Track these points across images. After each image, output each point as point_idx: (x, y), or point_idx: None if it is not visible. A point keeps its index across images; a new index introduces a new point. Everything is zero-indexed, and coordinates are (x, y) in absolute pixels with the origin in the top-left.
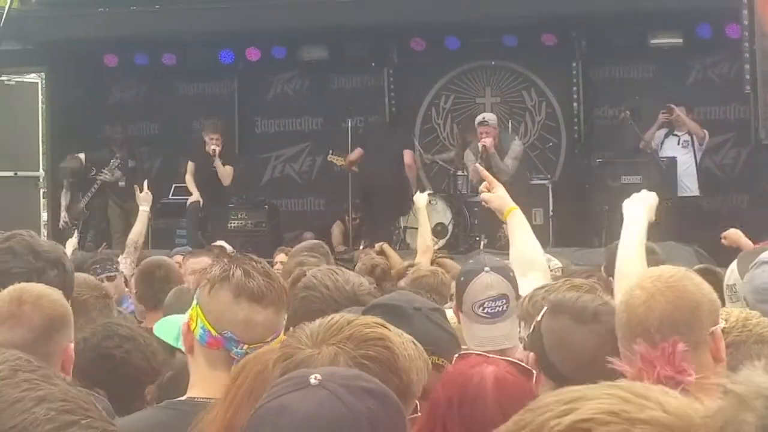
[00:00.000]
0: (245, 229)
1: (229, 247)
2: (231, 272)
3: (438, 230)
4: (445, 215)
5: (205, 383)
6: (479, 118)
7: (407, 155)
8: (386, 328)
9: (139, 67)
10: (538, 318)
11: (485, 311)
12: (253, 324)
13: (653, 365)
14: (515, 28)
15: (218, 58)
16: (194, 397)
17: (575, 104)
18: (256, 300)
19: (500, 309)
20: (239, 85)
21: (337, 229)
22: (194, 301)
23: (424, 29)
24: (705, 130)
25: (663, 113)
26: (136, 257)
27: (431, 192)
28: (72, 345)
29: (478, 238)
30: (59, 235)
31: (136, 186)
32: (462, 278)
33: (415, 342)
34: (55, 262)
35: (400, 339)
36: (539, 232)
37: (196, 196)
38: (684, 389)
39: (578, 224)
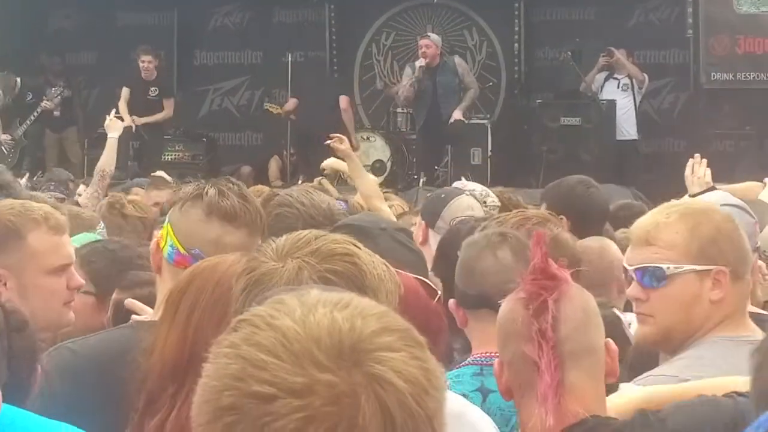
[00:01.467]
0: (182, 161)
1: (168, 178)
2: (205, 191)
3: (376, 167)
4: (383, 152)
5: None
6: (424, 34)
7: (343, 100)
8: (356, 246)
9: None
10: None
11: None
12: (223, 244)
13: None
14: None
15: None
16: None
17: (516, 45)
18: (229, 220)
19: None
20: (179, 16)
21: (274, 164)
22: (166, 220)
23: None
24: (645, 74)
25: (603, 56)
26: (104, 186)
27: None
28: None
29: (416, 176)
30: None
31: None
32: (443, 195)
33: (387, 265)
34: None
35: (370, 258)
36: (477, 171)
37: (128, 121)
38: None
39: (516, 165)
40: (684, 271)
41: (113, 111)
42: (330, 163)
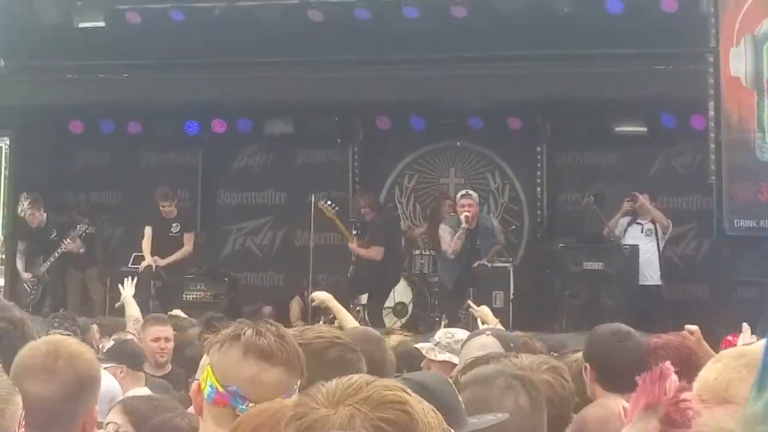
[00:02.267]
0: (203, 300)
1: (185, 316)
2: (242, 331)
3: (398, 309)
4: (405, 294)
5: None
6: (462, 191)
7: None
8: (406, 392)
9: (104, 135)
10: None
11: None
12: (260, 382)
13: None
14: (481, 111)
15: (184, 129)
16: None
17: (539, 188)
18: (265, 358)
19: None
20: (204, 156)
21: (296, 305)
22: (206, 362)
23: (390, 108)
24: (669, 220)
25: (627, 201)
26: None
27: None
28: (97, 407)
29: (438, 318)
30: (18, 302)
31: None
32: (466, 338)
33: (435, 411)
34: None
35: (421, 405)
36: (499, 314)
37: (148, 260)
38: None
39: (539, 308)
40: None
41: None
42: (318, 294)
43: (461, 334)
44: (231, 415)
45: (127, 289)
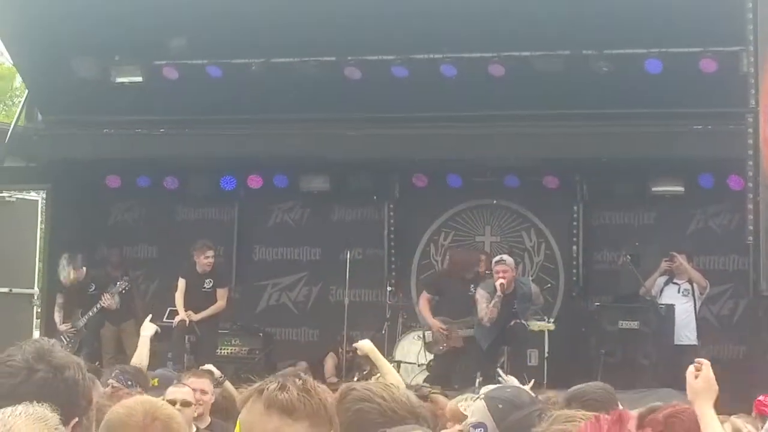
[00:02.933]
0: (238, 356)
1: (217, 372)
2: (267, 386)
3: (432, 366)
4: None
5: None
6: (497, 257)
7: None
8: None
9: (140, 190)
10: None
11: None
12: None
13: None
14: (517, 169)
15: (220, 184)
16: None
17: (575, 247)
18: (288, 412)
19: None
20: (239, 211)
21: (330, 361)
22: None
23: (426, 165)
24: (707, 280)
25: (666, 261)
26: None
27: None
28: None
29: (474, 376)
30: None
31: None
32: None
33: None
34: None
35: None
36: (534, 372)
37: (182, 315)
38: None
39: (574, 367)
40: None
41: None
42: (362, 344)
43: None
44: None
45: (147, 329)
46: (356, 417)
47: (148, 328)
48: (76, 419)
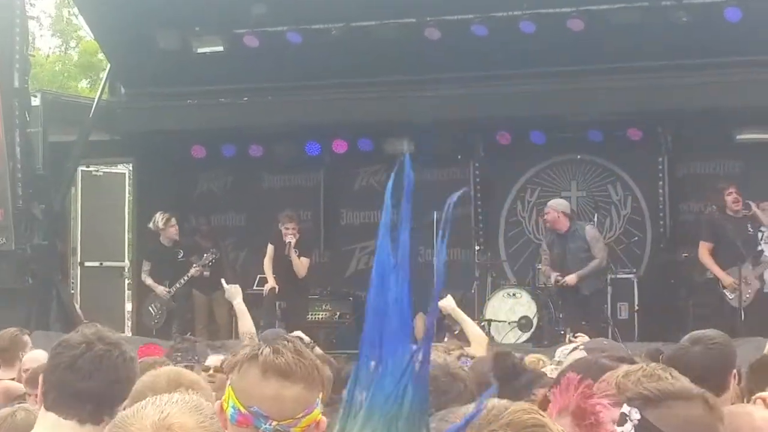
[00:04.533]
0: (329, 321)
1: (306, 338)
2: (260, 350)
3: (523, 323)
4: (530, 308)
5: None
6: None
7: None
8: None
9: (226, 159)
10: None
11: None
12: (281, 399)
13: None
14: (601, 123)
15: (304, 150)
16: None
17: (661, 199)
18: (285, 376)
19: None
20: (325, 177)
21: (419, 322)
22: (228, 382)
23: (509, 123)
24: None
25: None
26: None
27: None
28: None
29: (563, 332)
30: (143, 326)
31: (222, 280)
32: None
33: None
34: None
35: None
36: (624, 326)
37: (271, 283)
38: None
39: (664, 319)
40: None
41: (222, 281)
42: (443, 304)
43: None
44: None
45: (236, 295)
46: None
47: (236, 294)
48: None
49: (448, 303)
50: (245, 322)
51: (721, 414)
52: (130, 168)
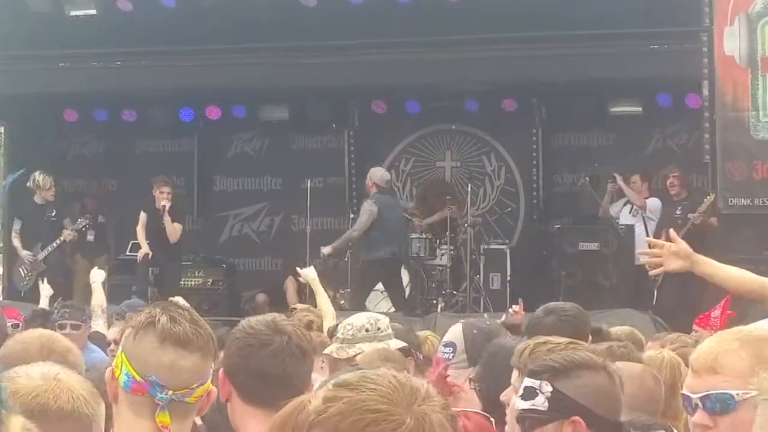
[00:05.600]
0: (202, 287)
1: (185, 304)
2: (156, 318)
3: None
4: (403, 277)
5: (127, 431)
6: None
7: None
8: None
9: (98, 123)
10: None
11: (442, 353)
12: (178, 369)
13: None
14: (476, 93)
15: (178, 116)
16: None
17: (534, 170)
18: (182, 345)
19: (446, 356)
20: (199, 143)
21: (290, 286)
22: (119, 349)
23: (385, 92)
24: (646, 200)
25: (610, 182)
26: (105, 318)
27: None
28: None
29: (435, 301)
30: (14, 289)
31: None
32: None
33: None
34: None
35: None
36: (496, 296)
37: (145, 249)
38: None
39: (536, 289)
40: (752, 397)
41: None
42: (305, 271)
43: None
44: (149, 404)
45: (97, 275)
46: None
47: (97, 275)
48: None
49: (309, 272)
50: (100, 297)
51: (621, 381)
52: (2, 131)
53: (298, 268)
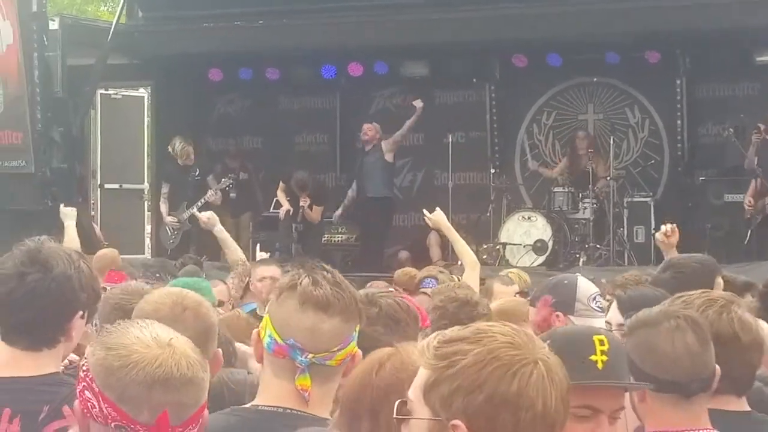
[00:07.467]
0: (347, 243)
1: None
2: (299, 281)
3: (538, 246)
4: (545, 232)
5: (269, 391)
6: None
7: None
8: None
9: (243, 82)
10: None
11: (598, 305)
12: (318, 332)
13: None
14: (618, 45)
15: (320, 74)
16: (258, 405)
17: (679, 122)
18: (322, 308)
19: (603, 305)
20: (341, 100)
21: (434, 241)
22: (265, 310)
23: (526, 46)
24: None
25: (755, 133)
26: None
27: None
28: (220, 351)
29: (578, 255)
30: (162, 247)
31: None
32: (566, 281)
33: None
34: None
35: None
36: (640, 249)
37: (286, 206)
38: None
39: (681, 242)
40: None
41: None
42: (433, 216)
43: None
44: (291, 367)
45: (69, 216)
46: None
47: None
48: (80, 312)
49: (436, 215)
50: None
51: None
52: (149, 91)
53: (425, 211)
